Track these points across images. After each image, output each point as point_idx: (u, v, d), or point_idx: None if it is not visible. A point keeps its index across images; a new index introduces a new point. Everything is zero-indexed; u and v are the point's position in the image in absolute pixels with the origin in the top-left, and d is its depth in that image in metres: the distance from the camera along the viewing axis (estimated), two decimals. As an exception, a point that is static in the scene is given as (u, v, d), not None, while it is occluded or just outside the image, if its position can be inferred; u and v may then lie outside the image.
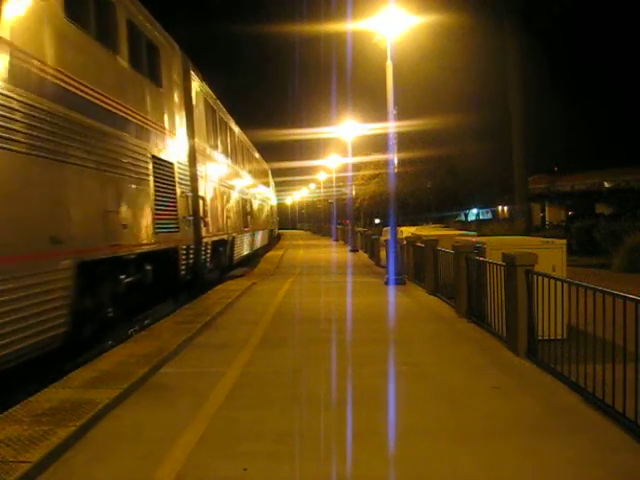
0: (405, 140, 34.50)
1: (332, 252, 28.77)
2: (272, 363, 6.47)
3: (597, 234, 20.65)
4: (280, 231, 60.27)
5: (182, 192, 10.72)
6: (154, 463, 3.86)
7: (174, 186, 10.21)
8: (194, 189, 11.76)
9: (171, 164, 10.11)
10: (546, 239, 8.12)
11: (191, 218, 11.30)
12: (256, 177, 26.67)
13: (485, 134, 37.28)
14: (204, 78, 13.85)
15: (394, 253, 13.50)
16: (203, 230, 12.26)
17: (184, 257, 10.81)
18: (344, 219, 48.41)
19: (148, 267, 8.94)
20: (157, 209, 9.05)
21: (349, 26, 18.30)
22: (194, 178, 11.84)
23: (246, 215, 20.86)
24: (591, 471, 3.67)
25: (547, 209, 52.26)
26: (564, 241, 7.57)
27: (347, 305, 10.70)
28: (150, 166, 8.86)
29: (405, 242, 14.82)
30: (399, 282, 13.21)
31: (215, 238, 13.89)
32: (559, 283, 5.56)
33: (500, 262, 6.81)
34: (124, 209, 7.69)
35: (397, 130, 14.68)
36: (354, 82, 38.61)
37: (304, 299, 11.58)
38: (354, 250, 27.57)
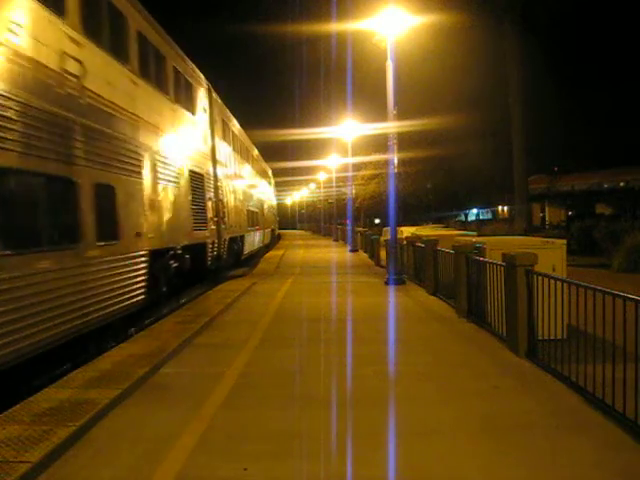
0: (405, 140, 34.50)
1: (332, 252, 28.77)
2: (272, 363, 6.48)
3: (597, 234, 20.65)
4: (280, 231, 60.82)
5: (270, 213, 38.92)
6: (154, 463, 3.86)
7: (273, 211, 44.45)
8: (274, 211, 45.72)
9: (273, 205, 44.89)
10: (546, 239, 8.12)
11: (275, 221, 47.33)
12: (273, 192, 50.32)
13: (485, 134, 37.32)
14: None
15: (394, 253, 13.51)
16: (275, 225, 47.96)
17: (274, 233, 44.44)
18: (344, 219, 48.43)
19: (274, 232, 43.17)
20: (272, 217, 42.05)
21: (349, 26, 18.32)
22: (272, 206, 42.91)
23: (275, 219, 48.50)
24: (591, 471, 3.67)
25: (547, 209, 52.34)
26: (564, 241, 7.57)
27: (347, 305, 10.70)
28: (266, 205, 35.17)
29: (405, 242, 14.82)
30: (399, 282, 13.21)
31: (273, 227, 42.96)
32: (559, 283, 5.56)
33: (500, 262, 6.81)
34: (273, 218, 43.98)
35: (397, 130, 14.63)
36: (354, 82, 38.65)
37: (304, 299, 11.58)
38: (354, 250, 27.57)
